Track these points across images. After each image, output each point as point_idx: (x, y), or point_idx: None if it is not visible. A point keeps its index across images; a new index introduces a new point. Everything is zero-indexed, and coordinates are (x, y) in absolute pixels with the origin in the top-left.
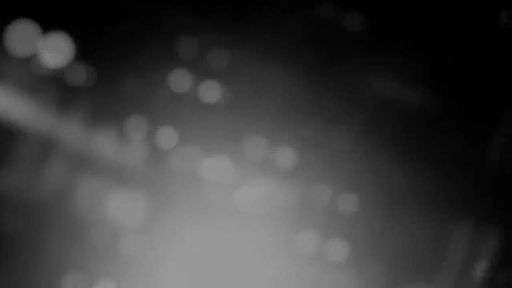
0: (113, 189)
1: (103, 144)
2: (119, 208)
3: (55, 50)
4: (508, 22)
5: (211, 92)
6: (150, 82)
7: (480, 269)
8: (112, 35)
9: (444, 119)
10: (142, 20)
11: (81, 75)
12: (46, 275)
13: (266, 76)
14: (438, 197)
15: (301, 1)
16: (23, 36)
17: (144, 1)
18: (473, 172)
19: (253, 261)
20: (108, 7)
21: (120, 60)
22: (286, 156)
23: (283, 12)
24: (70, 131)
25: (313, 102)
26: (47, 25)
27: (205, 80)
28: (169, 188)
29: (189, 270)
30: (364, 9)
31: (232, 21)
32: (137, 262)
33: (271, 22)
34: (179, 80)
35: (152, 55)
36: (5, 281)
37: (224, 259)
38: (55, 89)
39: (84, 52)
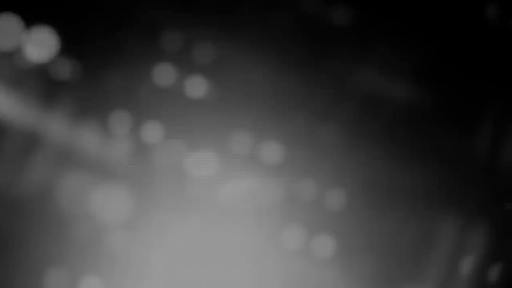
0: (98, 184)
1: (88, 139)
2: (103, 203)
3: (39, 44)
4: (495, 16)
5: (196, 86)
6: (135, 76)
7: (469, 265)
8: (96, 29)
9: (432, 114)
10: (127, 14)
11: (65, 70)
12: (29, 272)
13: (252, 70)
14: (426, 193)
15: None
16: (7, 30)
17: None
18: (462, 167)
19: (239, 257)
20: (92, 0)
21: (105, 54)
22: (272, 151)
23: (270, 5)
24: (54, 126)
25: (300, 97)
26: (31, 19)
27: (191, 75)
28: (154, 183)
29: (175, 265)
30: (351, 2)
31: (217, 15)
32: (122, 258)
33: (258, 15)
34: (164, 74)
35: (137, 49)
36: None
37: (210, 254)
38: (39, 83)
39: (69, 46)
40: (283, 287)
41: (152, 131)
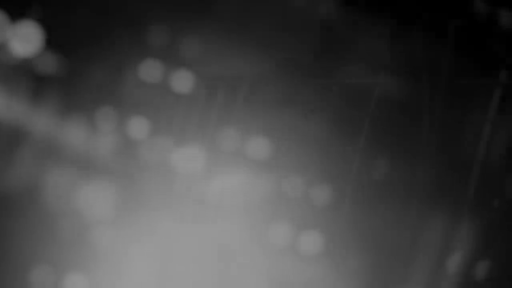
0: (84, 180)
1: (74, 134)
2: (89, 199)
3: (24, 40)
4: (482, 11)
5: (183, 82)
6: (122, 71)
7: (457, 262)
8: (83, 24)
9: (419, 108)
10: (113, 9)
11: (51, 65)
12: (14, 268)
13: (239, 65)
14: (416, 190)
15: None
16: None
17: None
18: (452, 165)
19: (226, 253)
20: None
21: (91, 49)
22: (260, 146)
23: (257, 0)
24: (40, 121)
25: (287, 92)
26: (16, 15)
27: (177, 70)
28: (141, 179)
29: (161, 261)
30: None
31: (203, 9)
32: (108, 254)
33: (244, 9)
34: (151, 69)
35: (123, 44)
36: None
37: (197, 250)
38: (25, 78)
39: (54, 41)
40: (271, 283)
41: (139, 127)
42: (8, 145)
